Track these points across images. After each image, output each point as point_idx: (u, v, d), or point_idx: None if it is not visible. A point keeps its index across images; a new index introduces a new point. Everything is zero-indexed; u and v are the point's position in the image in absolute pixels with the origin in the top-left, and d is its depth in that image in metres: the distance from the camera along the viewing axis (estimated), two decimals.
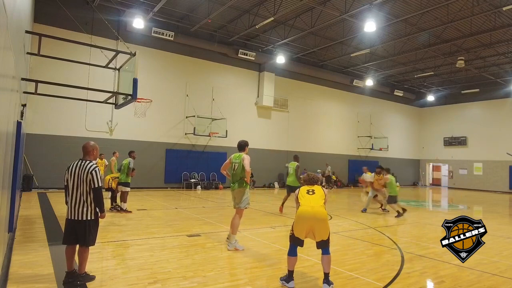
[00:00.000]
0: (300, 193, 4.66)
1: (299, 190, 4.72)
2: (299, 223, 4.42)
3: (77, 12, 14.48)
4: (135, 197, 13.25)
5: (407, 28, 16.73)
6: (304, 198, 4.55)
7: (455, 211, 13.64)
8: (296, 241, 4.44)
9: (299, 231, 4.41)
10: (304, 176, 4.94)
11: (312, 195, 4.55)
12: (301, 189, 4.73)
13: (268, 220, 9.46)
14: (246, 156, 6.54)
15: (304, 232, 4.41)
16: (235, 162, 6.53)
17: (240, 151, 6.64)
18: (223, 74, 19.97)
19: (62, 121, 15.10)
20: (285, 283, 4.39)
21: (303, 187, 4.77)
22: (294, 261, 4.45)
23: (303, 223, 4.40)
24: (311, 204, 4.44)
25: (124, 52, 7.88)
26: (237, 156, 6.58)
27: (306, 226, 4.38)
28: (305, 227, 4.38)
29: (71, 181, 4.20)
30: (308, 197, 4.53)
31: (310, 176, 4.86)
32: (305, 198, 4.55)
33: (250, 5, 15.88)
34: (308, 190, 4.63)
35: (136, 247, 6.00)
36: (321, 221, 4.38)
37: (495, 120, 26.25)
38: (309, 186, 4.74)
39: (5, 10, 3.26)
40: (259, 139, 20.93)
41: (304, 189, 4.69)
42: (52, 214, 9.01)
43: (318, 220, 4.36)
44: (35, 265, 4.80)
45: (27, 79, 7.44)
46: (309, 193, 4.58)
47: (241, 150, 6.65)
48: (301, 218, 4.40)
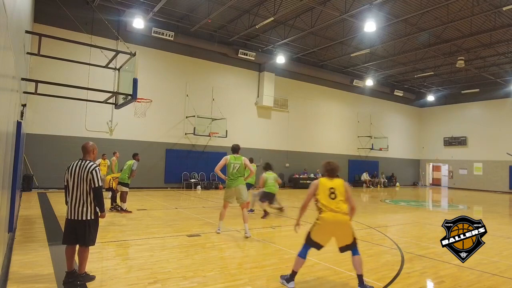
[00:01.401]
0: (320, 191, 4.35)
1: (319, 184, 4.40)
2: (320, 230, 4.28)
3: (77, 12, 14.48)
4: (135, 197, 13.25)
5: (407, 28, 16.73)
6: (326, 201, 4.29)
7: (455, 211, 13.63)
8: (313, 244, 4.35)
9: (321, 238, 4.31)
10: (325, 163, 4.61)
11: (334, 199, 4.29)
12: (321, 184, 4.39)
13: (268, 220, 9.46)
14: (245, 159, 7.32)
15: (325, 239, 4.32)
16: (235, 163, 7.26)
17: (235, 153, 7.40)
18: (223, 74, 19.97)
19: (62, 121, 15.10)
20: (285, 283, 4.34)
21: (323, 181, 4.42)
22: (301, 263, 4.35)
23: (325, 230, 4.28)
24: (333, 209, 4.24)
25: (124, 52, 7.88)
26: (235, 158, 7.32)
27: (328, 233, 4.29)
28: (327, 234, 4.30)
29: (71, 181, 4.20)
30: (329, 201, 4.28)
31: (332, 165, 4.53)
32: (327, 201, 4.29)
33: (250, 5, 15.87)
34: (330, 189, 4.32)
35: (136, 247, 5.99)
36: (344, 227, 4.25)
37: (495, 120, 26.24)
38: (329, 179, 4.44)
39: (5, 10, 3.26)
40: (259, 139, 20.93)
41: (325, 186, 4.36)
42: (52, 214, 9.01)
43: (340, 226, 4.24)
44: (35, 265, 4.80)
45: (27, 79, 7.44)
46: (331, 196, 4.31)
47: (236, 153, 7.42)
48: (322, 225, 4.26)
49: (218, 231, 7.34)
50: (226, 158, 7.35)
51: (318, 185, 4.41)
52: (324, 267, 5.18)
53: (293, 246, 6.45)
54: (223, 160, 7.34)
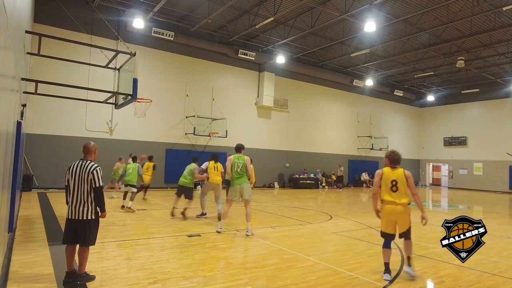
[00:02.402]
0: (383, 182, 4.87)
1: (382, 173, 4.91)
2: (384, 222, 4.88)
3: (77, 12, 14.47)
4: (135, 197, 13.24)
5: (407, 28, 16.73)
6: (387, 194, 4.82)
7: (455, 211, 13.63)
8: (387, 236, 4.86)
9: (388, 228, 4.85)
10: (389, 153, 5.09)
11: (396, 192, 4.80)
12: (385, 175, 4.89)
13: (268, 220, 9.46)
14: (248, 158, 7.51)
15: (391, 227, 4.84)
16: (239, 162, 7.45)
17: (238, 152, 7.58)
18: (223, 74, 19.97)
19: (62, 121, 15.09)
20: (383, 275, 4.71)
21: (386, 171, 4.93)
22: (388, 253, 4.80)
23: (388, 221, 4.85)
24: (394, 202, 4.78)
25: (124, 52, 7.87)
26: (238, 157, 7.50)
27: (391, 223, 4.83)
28: (391, 224, 4.83)
29: (72, 181, 4.21)
30: (391, 194, 4.81)
31: (396, 155, 5.05)
32: (388, 194, 4.82)
33: (250, 5, 15.87)
34: (392, 182, 4.82)
35: (136, 247, 6.00)
36: (403, 216, 4.80)
37: (495, 120, 26.23)
38: (392, 169, 4.95)
39: (5, 10, 3.26)
40: (259, 139, 20.92)
41: (388, 178, 4.86)
42: (52, 214, 9.01)
43: (400, 216, 4.80)
44: (35, 265, 4.80)
45: (27, 79, 7.43)
46: (392, 189, 4.81)
47: (239, 152, 7.59)
48: (386, 216, 4.85)
49: (220, 230, 7.41)
50: (230, 159, 7.54)
51: (381, 175, 4.91)
52: (324, 267, 5.18)
53: (293, 246, 6.46)
54: (228, 162, 7.55)
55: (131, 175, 10.13)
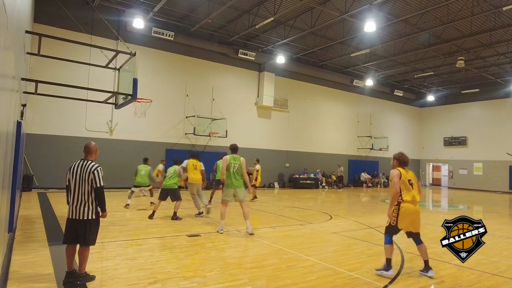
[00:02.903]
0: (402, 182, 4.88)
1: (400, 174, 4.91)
2: (405, 218, 4.85)
3: (77, 12, 14.48)
4: (135, 197, 13.24)
5: (407, 28, 16.73)
6: (408, 192, 4.87)
7: (455, 211, 13.63)
8: (396, 231, 4.91)
9: (405, 225, 4.87)
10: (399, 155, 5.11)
11: (413, 190, 4.91)
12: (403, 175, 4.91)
13: (268, 220, 9.46)
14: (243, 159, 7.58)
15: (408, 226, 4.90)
16: (235, 163, 7.46)
17: (234, 153, 7.64)
18: (223, 74, 19.97)
19: (62, 121, 15.09)
20: (384, 272, 4.78)
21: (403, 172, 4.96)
22: (392, 249, 4.88)
23: (408, 218, 4.85)
24: (414, 199, 4.88)
25: (124, 52, 7.87)
26: (235, 158, 7.51)
27: (409, 221, 4.88)
28: (409, 221, 4.87)
29: (72, 181, 4.21)
30: (411, 191, 4.89)
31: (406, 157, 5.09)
32: (409, 192, 4.87)
33: (250, 5, 15.87)
34: (409, 181, 4.92)
35: (136, 247, 5.99)
36: (419, 216, 4.95)
37: (495, 120, 26.23)
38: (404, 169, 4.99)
39: (5, 10, 3.26)
40: (259, 139, 20.92)
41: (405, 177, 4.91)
42: (52, 214, 9.01)
43: (418, 215, 4.92)
44: (35, 265, 4.80)
45: (27, 79, 7.43)
46: (411, 185, 4.91)
47: (235, 153, 7.66)
48: (407, 214, 4.83)
49: (221, 231, 7.35)
50: (226, 159, 7.49)
51: (401, 175, 4.93)
52: (324, 267, 5.18)
53: (293, 246, 6.46)
54: (224, 162, 7.45)
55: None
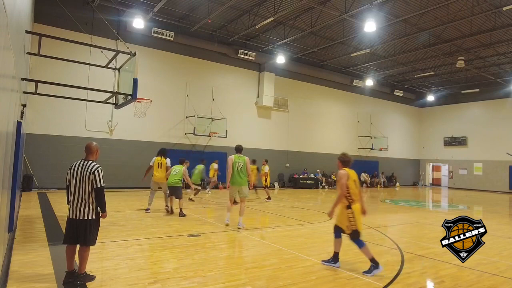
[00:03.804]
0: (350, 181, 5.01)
1: (348, 176, 5.02)
2: (360, 219, 5.01)
3: (77, 12, 14.49)
4: (135, 197, 13.26)
5: (407, 28, 16.73)
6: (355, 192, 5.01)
7: (455, 211, 13.63)
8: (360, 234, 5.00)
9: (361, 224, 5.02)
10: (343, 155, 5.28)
11: (358, 189, 5.08)
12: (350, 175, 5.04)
13: (268, 220, 9.46)
14: (247, 158, 8.05)
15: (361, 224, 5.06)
16: (239, 162, 7.97)
17: (238, 153, 8.08)
18: (223, 74, 19.97)
19: (62, 121, 15.09)
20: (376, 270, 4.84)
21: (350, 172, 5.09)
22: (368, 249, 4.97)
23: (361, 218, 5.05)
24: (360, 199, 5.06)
25: (124, 52, 7.88)
26: (239, 157, 8.01)
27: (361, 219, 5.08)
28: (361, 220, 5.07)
29: (73, 181, 4.20)
30: (357, 192, 5.05)
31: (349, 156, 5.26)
32: (356, 193, 5.03)
33: (250, 5, 15.87)
34: (355, 181, 5.07)
35: (136, 247, 5.99)
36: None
37: (495, 120, 26.23)
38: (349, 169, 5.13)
39: (5, 10, 3.26)
40: (259, 139, 20.92)
41: (352, 177, 5.04)
42: (52, 214, 9.00)
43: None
44: (35, 265, 4.79)
45: (27, 79, 7.43)
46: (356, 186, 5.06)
47: (240, 153, 8.09)
48: (359, 214, 5.03)
49: (227, 222, 7.97)
50: (231, 158, 8.02)
51: (348, 176, 5.04)
52: (324, 267, 5.18)
53: (293, 246, 6.46)
54: (229, 161, 8.01)
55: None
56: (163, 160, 9.83)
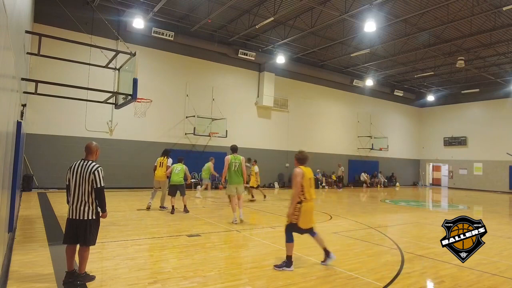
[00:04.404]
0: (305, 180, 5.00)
1: (304, 175, 5.02)
2: (306, 217, 5.00)
3: (77, 12, 14.48)
4: (135, 197, 13.27)
5: (407, 28, 16.73)
6: (309, 191, 5.02)
7: (455, 211, 13.63)
8: (297, 229, 5.03)
9: (305, 223, 5.01)
10: (296, 153, 5.30)
11: (312, 187, 5.10)
12: (305, 174, 5.03)
13: (268, 220, 9.46)
14: (243, 158, 8.52)
15: (308, 223, 5.05)
16: (235, 162, 8.36)
17: (234, 153, 8.48)
18: (223, 74, 19.96)
19: (62, 121, 15.08)
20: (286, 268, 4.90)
21: (305, 170, 5.08)
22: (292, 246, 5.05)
23: (308, 216, 5.03)
24: (313, 198, 5.07)
25: (124, 52, 7.88)
26: (235, 157, 8.39)
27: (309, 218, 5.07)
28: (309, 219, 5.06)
29: (73, 181, 4.20)
30: (312, 190, 5.07)
31: (305, 154, 5.28)
32: (310, 191, 5.03)
33: (250, 5, 15.87)
34: (310, 179, 5.07)
35: (136, 247, 5.99)
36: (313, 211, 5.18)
37: (495, 120, 26.23)
38: (305, 167, 5.15)
39: (5, 10, 3.26)
40: (259, 139, 20.92)
41: (307, 176, 5.04)
42: (52, 214, 9.00)
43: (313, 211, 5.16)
44: (35, 265, 4.80)
45: (27, 79, 7.43)
46: (311, 185, 5.08)
47: (235, 153, 8.49)
48: (308, 213, 5.02)
49: (236, 222, 8.32)
50: (228, 159, 8.37)
51: (303, 174, 5.04)
52: (324, 267, 5.18)
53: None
54: (226, 161, 8.37)
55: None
56: (165, 159, 10.45)
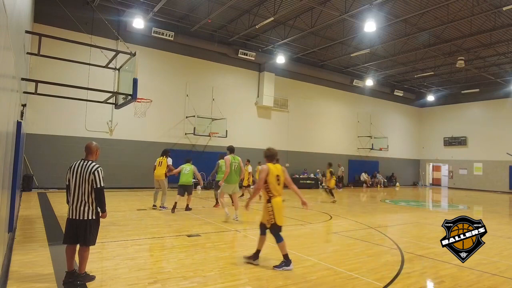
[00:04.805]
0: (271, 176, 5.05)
1: (269, 171, 5.07)
2: (280, 213, 5.05)
3: (77, 12, 14.48)
4: (135, 197, 13.27)
5: (407, 28, 16.73)
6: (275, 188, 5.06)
7: (455, 211, 13.63)
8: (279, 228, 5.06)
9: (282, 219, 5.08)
10: (266, 150, 5.35)
11: (279, 185, 5.13)
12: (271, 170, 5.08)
13: None
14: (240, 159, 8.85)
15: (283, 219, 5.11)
16: (235, 162, 8.70)
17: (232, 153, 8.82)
18: (223, 74, 19.96)
19: (62, 121, 15.09)
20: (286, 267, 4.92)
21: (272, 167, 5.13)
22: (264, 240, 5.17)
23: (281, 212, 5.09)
24: (280, 194, 5.12)
25: (124, 52, 7.88)
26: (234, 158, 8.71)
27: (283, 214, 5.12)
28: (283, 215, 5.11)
29: (73, 181, 4.20)
30: (278, 187, 5.10)
31: (273, 151, 5.30)
32: (277, 188, 5.08)
33: (250, 5, 15.87)
34: (277, 176, 5.10)
35: (136, 247, 5.99)
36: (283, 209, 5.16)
37: (495, 120, 26.24)
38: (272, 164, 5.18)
39: (5, 10, 3.26)
40: (259, 139, 20.91)
41: (273, 172, 5.09)
42: (52, 214, 9.00)
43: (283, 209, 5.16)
44: (35, 265, 4.79)
45: (27, 79, 7.43)
46: (278, 181, 5.10)
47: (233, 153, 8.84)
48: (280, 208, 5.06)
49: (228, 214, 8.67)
50: (228, 159, 8.67)
51: (268, 171, 5.08)
52: (324, 267, 5.18)
53: (293, 246, 6.45)
54: (227, 161, 8.68)
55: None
56: (164, 159, 10.72)
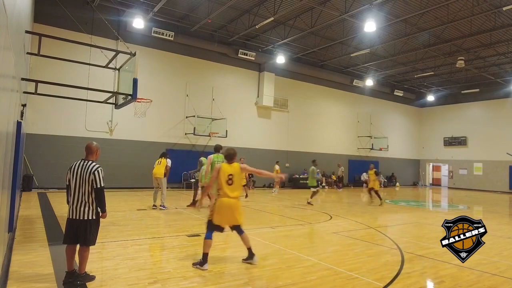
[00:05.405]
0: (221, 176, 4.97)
1: (221, 169, 5.02)
2: (218, 213, 4.93)
3: (77, 12, 14.48)
4: (135, 197, 13.27)
5: (407, 28, 16.73)
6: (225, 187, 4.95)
7: (455, 211, 13.64)
8: (215, 228, 4.96)
9: (218, 219, 4.93)
10: (225, 150, 5.32)
11: (231, 185, 4.98)
12: (222, 170, 5.00)
13: (268, 220, 9.46)
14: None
15: (224, 220, 4.96)
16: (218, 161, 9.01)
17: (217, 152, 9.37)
18: (223, 74, 19.96)
19: (62, 121, 15.09)
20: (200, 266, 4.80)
21: (224, 166, 5.07)
22: (210, 244, 4.95)
23: (221, 213, 4.93)
24: (229, 195, 4.94)
25: (124, 52, 7.88)
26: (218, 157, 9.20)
27: (223, 215, 4.93)
28: (222, 216, 4.93)
29: (73, 181, 4.20)
30: (227, 187, 4.97)
31: (230, 151, 5.21)
32: (226, 187, 4.96)
33: (250, 5, 15.87)
34: (229, 175, 4.98)
35: (136, 247, 5.99)
36: (236, 209, 4.98)
37: (495, 120, 26.23)
38: (229, 164, 5.10)
39: (5, 10, 3.26)
40: (259, 139, 20.92)
41: (225, 172, 4.99)
42: (52, 214, 9.00)
43: (232, 210, 4.95)
44: (35, 265, 4.80)
45: (27, 79, 7.43)
46: (228, 182, 4.98)
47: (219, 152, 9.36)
48: (220, 208, 4.93)
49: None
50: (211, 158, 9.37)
51: (219, 170, 5.03)
52: (324, 267, 5.18)
53: (293, 246, 6.46)
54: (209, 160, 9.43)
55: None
56: (163, 160, 10.98)
